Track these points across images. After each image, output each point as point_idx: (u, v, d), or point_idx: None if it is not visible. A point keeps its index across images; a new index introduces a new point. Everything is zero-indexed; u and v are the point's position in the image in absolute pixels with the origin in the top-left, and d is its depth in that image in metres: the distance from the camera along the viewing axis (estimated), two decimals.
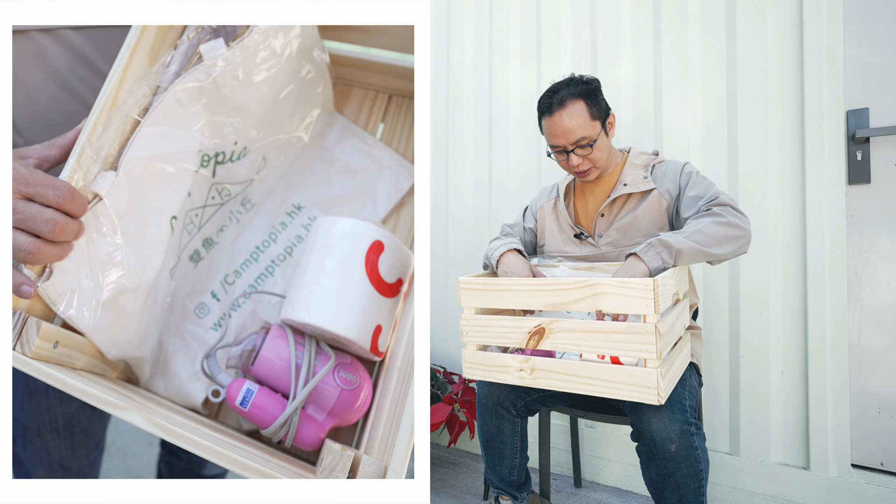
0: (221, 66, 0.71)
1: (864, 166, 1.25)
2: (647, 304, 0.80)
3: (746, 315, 1.36)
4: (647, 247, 0.91)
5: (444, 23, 1.93)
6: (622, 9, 1.54)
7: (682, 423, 0.90)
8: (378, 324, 0.75)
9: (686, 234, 0.93)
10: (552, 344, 0.89)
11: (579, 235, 1.17)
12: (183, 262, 0.82)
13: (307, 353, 0.73)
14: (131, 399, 0.63)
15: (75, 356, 0.67)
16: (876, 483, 1.22)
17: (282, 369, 0.73)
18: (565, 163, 1.12)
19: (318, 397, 0.73)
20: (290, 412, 0.69)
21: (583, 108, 1.07)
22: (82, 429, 0.94)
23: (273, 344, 0.74)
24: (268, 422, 0.71)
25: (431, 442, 1.89)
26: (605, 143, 1.11)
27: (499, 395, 1.10)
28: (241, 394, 0.71)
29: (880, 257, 1.26)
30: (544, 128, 1.12)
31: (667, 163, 1.12)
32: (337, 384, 0.73)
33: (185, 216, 0.78)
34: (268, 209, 0.93)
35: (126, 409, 0.57)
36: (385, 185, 0.94)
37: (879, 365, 1.26)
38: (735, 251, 0.96)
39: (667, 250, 0.90)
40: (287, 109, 0.87)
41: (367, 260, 0.74)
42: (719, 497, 1.39)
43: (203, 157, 0.77)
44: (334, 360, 0.74)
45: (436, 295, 1.92)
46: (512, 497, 1.18)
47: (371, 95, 1.01)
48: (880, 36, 1.25)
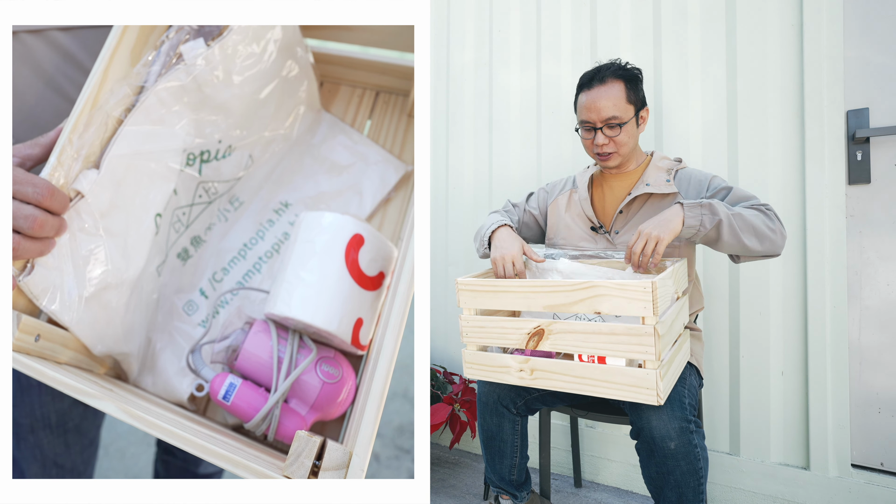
0: (201, 64, 0.72)
1: (864, 166, 1.25)
2: (646, 306, 0.80)
3: (746, 315, 1.36)
4: (695, 204, 0.93)
5: (444, 23, 1.93)
6: (622, 9, 1.54)
7: (681, 421, 0.90)
8: (359, 317, 0.75)
9: (733, 212, 0.94)
10: (552, 345, 0.90)
11: (596, 229, 1.16)
12: (171, 259, 0.83)
13: (289, 347, 0.74)
14: (108, 390, 0.64)
15: (59, 350, 0.68)
16: (876, 483, 1.22)
17: (264, 363, 0.74)
18: (590, 142, 1.12)
19: (301, 391, 0.73)
20: (271, 405, 0.70)
21: (621, 88, 1.08)
22: (75, 426, 0.95)
23: (256, 338, 0.75)
24: (250, 415, 0.71)
25: (432, 442, 1.89)
26: (633, 132, 1.11)
27: (499, 394, 1.10)
28: (224, 388, 0.72)
29: (880, 257, 1.26)
30: (579, 103, 1.13)
31: (690, 171, 1.13)
32: (319, 378, 0.73)
33: (171, 214, 0.79)
34: (255, 207, 0.93)
35: (99, 398, 0.58)
36: (371, 181, 0.95)
37: (879, 365, 1.26)
38: (763, 252, 0.97)
39: (711, 216, 0.93)
40: (271, 108, 0.87)
41: (347, 253, 0.74)
42: (719, 497, 1.39)
43: (188, 156, 0.78)
44: (315, 354, 0.75)
45: (436, 295, 1.92)
46: (512, 496, 1.18)
47: (358, 93, 1.02)
48: (880, 36, 1.25)
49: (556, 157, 1.65)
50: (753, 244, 0.95)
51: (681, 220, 0.93)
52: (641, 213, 1.12)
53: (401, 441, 1.74)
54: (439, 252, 1.92)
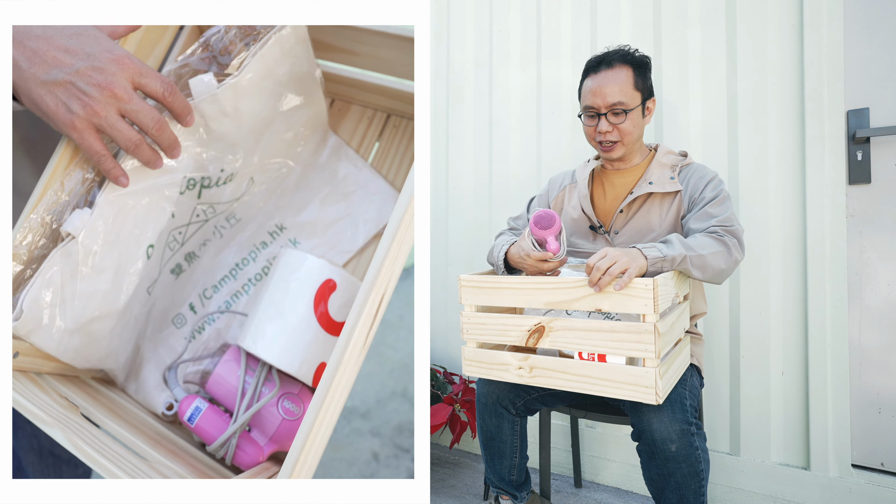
0: (209, 102, 0.71)
1: (864, 166, 1.25)
2: (647, 303, 0.80)
3: (746, 315, 1.36)
4: (657, 258, 0.89)
5: (444, 23, 1.93)
6: (622, 9, 1.54)
7: (682, 423, 0.90)
8: (322, 361, 0.78)
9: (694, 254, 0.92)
10: (552, 342, 0.90)
11: (595, 228, 1.13)
12: (164, 275, 0.83)
13: (255, 380, 0.77)
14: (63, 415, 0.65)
15: (40, 363, 0.70)
16: (876, 483, 1.22)
17: (231, 391, 0.78)
18: (593, 129, 1.08)
19: (262, 423, 0.77)
20: (228, 434, 0.74)
21: (628, 74, 1.05)
22: None
23: (226, 366, 0.79)
24: (212, 438, 0.76)
25: (432, 442, 1.89)
26: (638, 121, 1.07)
27: (498, 394, 1.10)
28: (190, 410, 0.77)
29: (880, 257, 1.26)
30: (584, 88, 1.10)
31: (695, 167, 1.09)
32: (279, 413, 0.77)
33: (167, 236, 0.79)
34: (251, 227, 0.93)
35: (50, 426, 0.59)
36: (368, 213, 0.94)
37: (880, 365, 1.26)
38: (708, 278, 0.96)
39: (670, 265, 0.90)
40: (278, 137, 0.87)
41: (317, 299, 0.76)
42: (719, 497, 1.39)
43: (189, 182, 0.77)
44: (278, 390, 0.78)
45: (436, 295, 1.92)
46: (512, 497, 1.18)
47: (369, 114, 1.01)
48: (880, 36, 1.25)
49: (556, 156, 1.65)
50: (706, 277, 0.95)
51: (644, 269, 0.89)
52: (643, 212, 1.09)
53: (400, 440, 1.74)
54: (439, 252, 1.92)
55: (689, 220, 1.03)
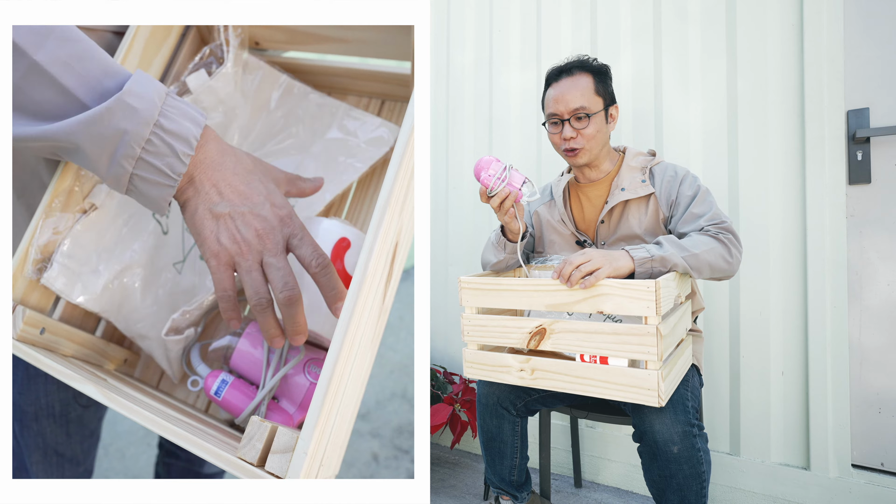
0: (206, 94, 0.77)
1: (864, 166, 1.25)
2: (649, 305, 0.80)
3: (747, 315, 1.36)
4: (645, 259, 0.90)
5: (444, 23, 1.93)
6: (622, 9, 1.54)
7: (684, 425, 0.90)
8: None
9: (687, 253, 0.92)
10: (553, 344, 0.89)
11: (581, 243, 1.14)
12: (192, 258, 0.86)
13: (280, 349, 0.76)
14: (93, 375, 0.67)
15: (63, 343, 0.72)
16: (876, 483, 1.22)
17: (256, 363, 0.77)
18: (558, 136, 1.09)
19: (289, 391, 0.76)
20: (257, 401, 0.73)
21: (589, 81, 1.07)
22: (77, 416, 0.96)
23: (250, 338, 0.78)
24: (240, 410, 0.74)
25: (433, 442, 1.89)
26: (602, 126, 1.08)
27: (498, 395, 1.10)
28: (216, 384, 0.75)
29: (880, 257, 1.26)
30: (547, 97, 1.11)
31: (665, 165, 1.10)
32: (307, 378, 0.76)
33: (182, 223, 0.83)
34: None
35: (81, 382, 0.61)
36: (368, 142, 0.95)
37: (880, 365, 1.26)
38: (717, 278, 0.97)
39: (662, 266, 0.91)
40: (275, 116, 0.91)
41: (333, 258, 0.76)
42: (719, 497, 1.39)
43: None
44: (303, 355, 0.77)
45: (436, 295, 1.92)
46: (512, 497, 1.18)
47: (364, 102, 1.02)
48: (880, 36, 1.25)
49: (555, 157, 1.65)
50: (707, 275, 0.95)
51: (629, 270, 0.89)
52: (623, 218, 1.09)
53: (399, 441, 1.74)
54: (439, 252, 1.92)
55: (676, 225, 1.03)
